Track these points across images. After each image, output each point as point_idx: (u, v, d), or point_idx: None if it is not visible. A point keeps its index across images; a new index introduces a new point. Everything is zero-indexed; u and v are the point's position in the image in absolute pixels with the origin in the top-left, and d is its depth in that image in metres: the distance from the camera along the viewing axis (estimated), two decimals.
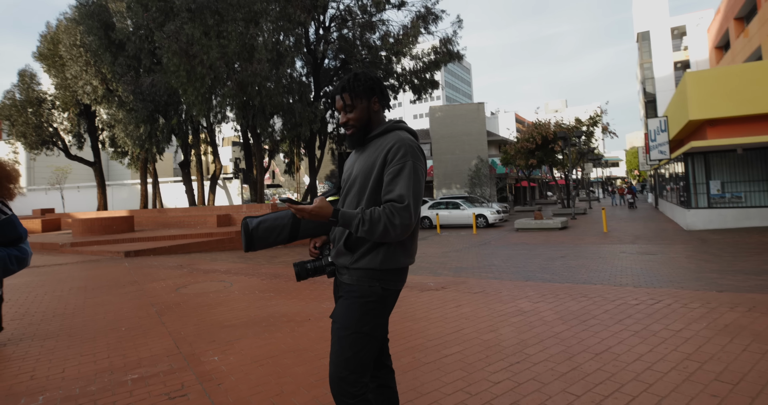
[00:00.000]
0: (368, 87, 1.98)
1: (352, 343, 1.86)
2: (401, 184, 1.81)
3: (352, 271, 1.92)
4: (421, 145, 2.00)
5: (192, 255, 12.21)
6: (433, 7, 20.78)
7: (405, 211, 1.77)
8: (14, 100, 26.54)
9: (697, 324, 4.37)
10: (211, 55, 16.31)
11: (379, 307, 1.90)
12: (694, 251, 10.22)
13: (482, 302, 5.68)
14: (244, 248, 2.07)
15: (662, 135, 18.68)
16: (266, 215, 2.07)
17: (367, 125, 2.01)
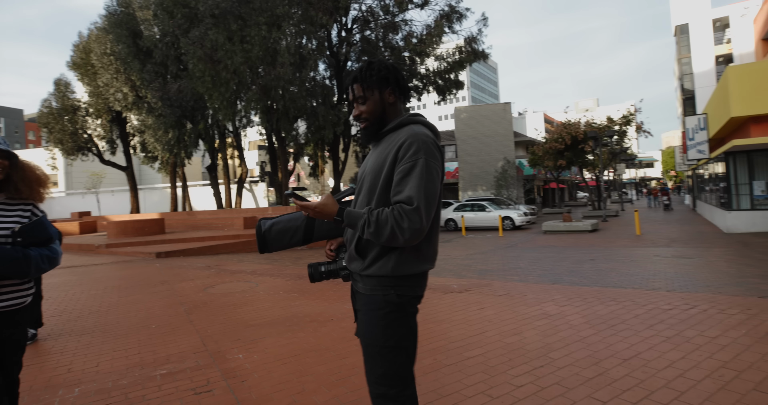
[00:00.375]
0: (382, 77, 1.82)
1: (382, 359, 1.73)
2: (411, 184, 1.64)
3: (365, 279, 1.79)
4: (444, 145, 1.90)
5: (219, 256, 12.47)
6: (457, 6, 20.61)
7: (414, 213, 1.60)
8: (51, 109, 27.62)
9: (736, 331, 4.15)
10: (235, 59, 16.63)
11: (399, 317, 1.75)
12: (734, 255, 9.66)
13: (506, 305, 5.61)
14: (259, 250, 2.01)
15: (701, 133, 17.68)
16: (280, 217, 2.02)
17: (381, 118, 1.86)
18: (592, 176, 34.76)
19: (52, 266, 2.31)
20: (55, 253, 2.32)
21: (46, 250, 2.28)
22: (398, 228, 1.60)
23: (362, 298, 1.82)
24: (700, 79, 38.53)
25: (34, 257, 2.20)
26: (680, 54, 41.68)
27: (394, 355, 1.73)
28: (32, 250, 2.21)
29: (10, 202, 2.27)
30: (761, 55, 26.91)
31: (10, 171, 2.25)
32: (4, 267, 2.11)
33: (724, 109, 14.37)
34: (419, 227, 1.61)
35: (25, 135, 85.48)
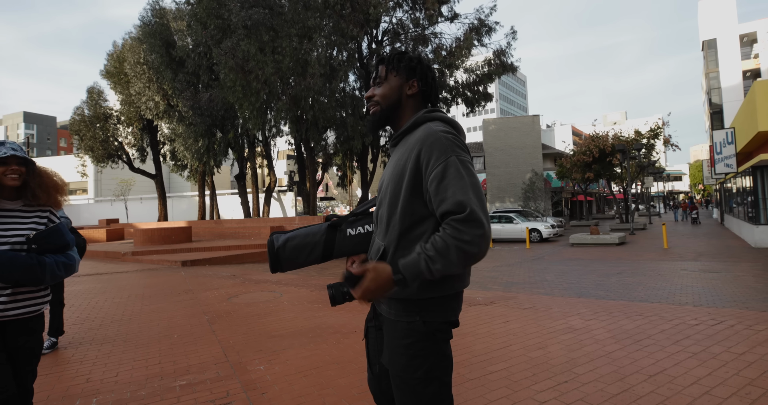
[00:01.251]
0: (409, 66, 1.66)
1: (411, 391, 1.52)
2: (453, 188, 1.42)
3: (389, 302, 1.59)
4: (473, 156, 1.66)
5: (245, 265, 12.47)
6: (486, 19, 20.58)
7: (471, 219, 1.38)
8: (83, 116, 28.33)
9: (763, 347, 4.08)
10: (266, 70, 16.82)
11: (428, 346, 1.53)
12: (762, 270, 9.65)
13: (531, 318, 5.53)
14: (271, 269, 1.73)
15: (729, 147, 17.74)
16: (296, 230, 1.75)
17: (395, 109, 1.67)
18: (619, 189, 34.25)
19: (68, 273, 2.29)
20: (71, 260, 2.30)
21: (62, 257, 2.26)
22: (464, 244, 1.38)
23: (387, 323, 1.62)
24: (728, 93, 38.33)
25: (49, 264, 2.17)
26: (708, 68, 41.43)
27: (423, 387, 1.51)
28: (47, 257, 2.19)
29: (28, 208, 2.27)
30: None
31: (27, 177, 2.25)
32: (18, 274, 2.09)
33: (751, 124, 14.45)
34: (483, 232, 1.39)
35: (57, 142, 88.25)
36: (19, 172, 2.20)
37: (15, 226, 2.19)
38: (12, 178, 2.18)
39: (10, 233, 2.16)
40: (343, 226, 1.74)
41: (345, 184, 28.27)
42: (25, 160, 2.23)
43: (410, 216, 1.52)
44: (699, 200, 66.86)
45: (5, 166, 2.17)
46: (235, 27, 17.83)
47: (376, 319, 1.75)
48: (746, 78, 38.51)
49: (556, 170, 36.80)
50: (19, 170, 2.20)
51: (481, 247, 1.39)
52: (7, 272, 2.06)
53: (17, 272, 2.08)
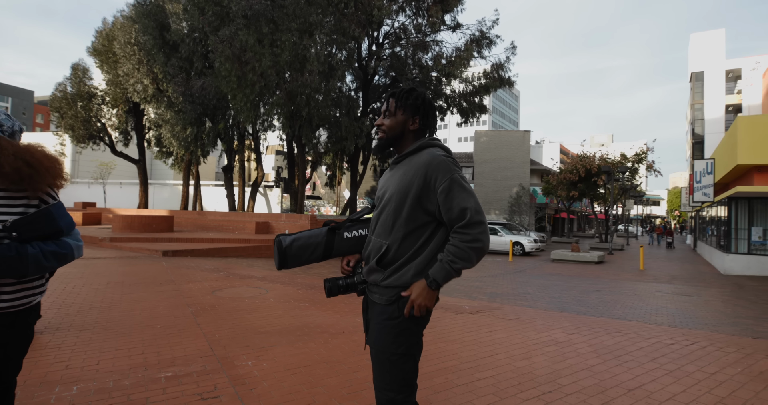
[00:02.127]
0: (415, 105, 1.99)
1: (392, 366, 1.86)
2: (458, 198, 1.82)
3: (383, 290, 1.91)
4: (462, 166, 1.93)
5: (229, 259, 12.24)
6: (488, 32, 20.66)
7: (471, 222, 1.81)
8: (65, 93, 27.04)
9: (732, 368, 4.32)
10: (263, 62, 16.56)
11: (411, 326, 1.87)
12: (730, 296, 10.20)
13: (516, 329, 5.64)
14: (277, 266, 2.07)
15: (708, 177, 18.47)
16: (300, 233, 2.08)
17: (398, 138, 2.02)
18: (601, 209, 34.86)
19: (61, 263, 1.98)
20: (64, 249, 1.98)
21: (52, 244, 1.95)
22: (471, 243, 1.80)
23: (377, 308, 1.93)
24: (710, 125, 39.57)
25: (33, 255, 1.86)
26: (694, 100, 42.63)
27: (403, 362, 1.86)
28: (32, 247, 1.87)
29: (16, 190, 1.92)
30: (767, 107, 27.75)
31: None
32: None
33: (731, 156, 15.22)
34: (483, 228, 1.82)
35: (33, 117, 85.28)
36: None
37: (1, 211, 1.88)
38: None
39: None
40: (341, 230, 2.09)
41: (333, 184, 28.02)
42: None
43: (413, 222, 1.90)
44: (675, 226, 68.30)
45: None
46: (234, 15, 17.52)
47: (367, 312, 2.05)
48: (728, 112, 39.64)
49: (542, 186, 37.23)
50: None
51: (484, 240, 1.82)
52: None
53: None
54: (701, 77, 41.58)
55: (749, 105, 37.38)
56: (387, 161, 24.75)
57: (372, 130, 20.65)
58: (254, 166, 27.44)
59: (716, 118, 39.54)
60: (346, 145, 18.73)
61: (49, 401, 3.06)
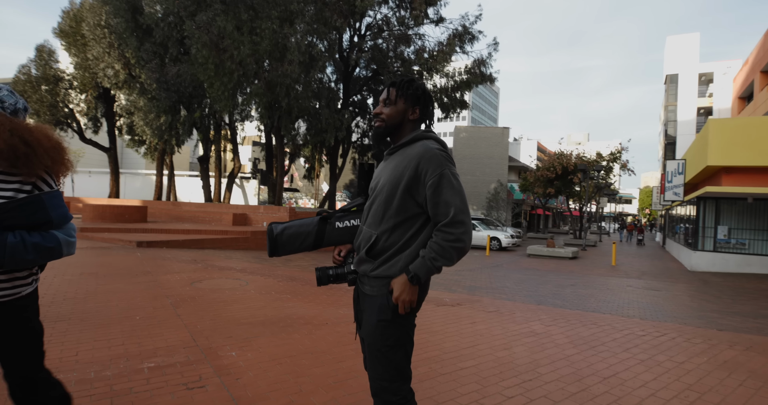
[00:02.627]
0: (415, 95, 1.99)
1: (384, 357, 1.88)
2: (444, 195, 1.82)
3: (372, 281, 1.92)
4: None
5: (206, 251, 11.99)
6: (470, 27, 20.63)
7: (453, 221, 1.80)
8: (29, 76, 25.65)
9: (699, 358, 4.58)
10: (242, 50, 16.18)
11: (399, 318, 1.89)
12: (696, 291, 10.62)
13: (496, 321, 5.77)
14: (269, 253, 2.09)
15: (679, 177, 18.97)
16: (292, 222, 2.10)
17: (396, 127, 2.01)
18: (576, 207, 35.40)
19: (44, 257, 1.81)
20: (50, 242, 1.82)
21: (37, 235, 1.79)
22: (452, 242, 1.80)
23: (367, 300, 1.94)
24: (683, 126, 40.51)
25: (11, 244, 1.71)
26: (668, 101, 43.54)
27: (393, 353, 1.88)
28: (12, 235, 1.72)
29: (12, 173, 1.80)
30: (737, 111, 29.20)
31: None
32: None
33: (701, 157, 15.62)
34: (465, 229, 1.81)
35: None
36: None
37: None
38: None
39: None
40: (332, 220, 2.11)
41: (312, 176, 27.72)
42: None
43: (404, 212, 1.89)
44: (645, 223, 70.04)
45: None
46: (211, 0, 17.10)
47: (358, 303, 2.07)
48: (700, 114, 40.65)
49: (519, 183, 37.65)
50: None
51: (465, 241, 1.81)
52: None
53: None
54: (676, 79, 42.48)
55: (720, 108, 38.42)
56: (366, 154, 24.63)
57: (352, 122, 20.50)
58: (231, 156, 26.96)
59: (688, 120, 40.50)
60: (326, 137, 18.51)
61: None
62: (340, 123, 18.37)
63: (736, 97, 29.11)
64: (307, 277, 8.53)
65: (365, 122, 23.69)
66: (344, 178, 39.81)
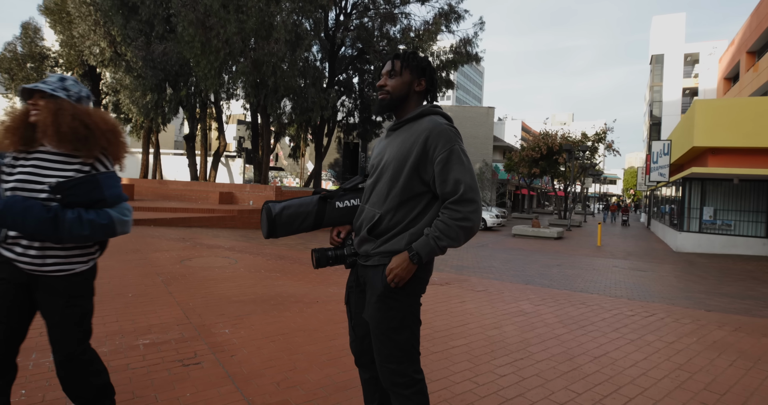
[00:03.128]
0: (421, 66, 1.93)
1: (388, 339, 1.83)
2: (454, 171, 1.75)
3: (375, 258, 1.85)
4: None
5: (193, 229, 12.09)
6: (456, 6, 20.56)
7: (462, 199, 1.73)
8: (15, 53, 25.64)
9: (688, 338, 4.58)
10: (228, 28, 16.03)
11: (402, 298, 1.83)
12: (682, 272, 10.59)
13: (485, 300, 5.79)
14: (266, 234, 1.96)
15: (664, 158, 18.93)
16: (290, 201, 1.99)
17: (402, 100, 1.93)
18: (560, 187, 35.67)
19: (98, 234, 1.96)
20: (104, 219, 1.97)
21: (92, 213, 1.94)
22: (460, 221, 1.73)
23: (369, 276, 1.87)
24: (668, 107, 40.56)
25: (69, 220, 1.87)
26: (653, 82, 43.57)
27: (398, 334, 1.82)
28: (71, 212, 1.89)
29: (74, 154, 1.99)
30: (722, 92, 29.15)
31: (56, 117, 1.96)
32: (31, 227, 1.82)
33: (687, 138, 15.58)
34: (474, 207, 1.74)
35: None
36: (40, 108, 1.94)
37: (54, 172, 1.94)
38: (32, 114, 1.95)
39: (48, 180, 1.92)
40: (333, 199, 2.01)
41: (297, 155, 27.71)
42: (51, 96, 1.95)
43: (409, 191, 1.81)
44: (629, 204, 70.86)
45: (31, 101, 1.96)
46: None
47: (358, 284, 1.99)
48: (685, 95, 40.85)
49: (504, 163, 37.81)
50: (39, 105, 1.95)
51: (474, 220, 1.74)
52: (19, 223, 1.81)
53: (30, 225, 1.81)
54: (661, 60, 42.54)
55: (705, 89, 38.62)
56: (351, 134, 24.61)
57: (338, 101, 20.45)
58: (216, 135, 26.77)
59: (673, 101, 40.71)
60: (311, 116, 18.50)
61: (27, 367, 3.04)
62: (326, 102, 18.35)
63: (722, 77, 29.26)
64: (296, 256, 8.68)
65: (351, 101, 23.64)
66: (329, 157, 39.68)
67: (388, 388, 1.86)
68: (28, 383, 2.85)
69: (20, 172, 1.93)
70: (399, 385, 1.82)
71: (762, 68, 20.16)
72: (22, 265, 1.94)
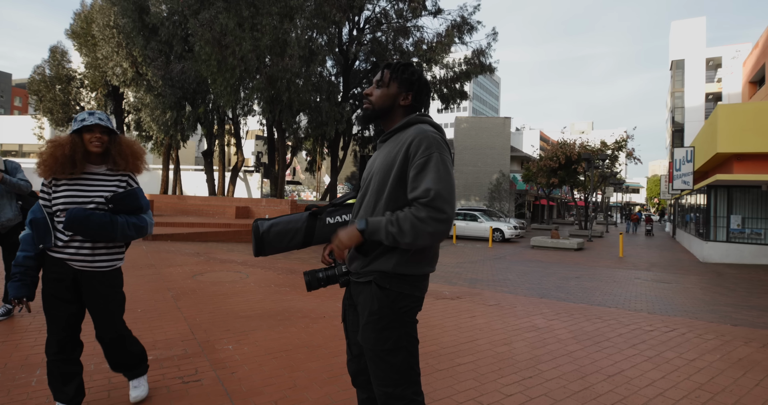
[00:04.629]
0: (410, 80, 1.86)
1: (381, 362, 1.75)
2: (428, 178, 1.62)
3: (362, 277, 1.79)
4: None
5: (209, 244, 12.24)
6: (469, 18, 20.64)
7: (431, 205, 1.58)
8: (44, 76, 26.69)
9: (711, 355, 4.36)
10: (243, 46, 16.37)
11: (395, 319, 1.74)
12: (709, 283, 10.20)
13: (497, 315, 5.67)
14: (255, 252, 1.95)
15: (687, 165, 18.46)
16: (279, 218, 1.98)
17: (385, 112, 1.88)
18: (581, 197, 35.18)
19: (139, 234, 2.61)
20: (143, 223, 2.62)
21: (134, 218, 2.57)
22: (418, 221, 1.58)
23: (360, 302, 1.82)
24: (690, 113, 39.84)
25: (120, 223, 2.49)
26: (674, 88, 42.86)
27: (393, 356, 1.74)
28: (120, 217, 2.50)
29: (110, 172, 2.60)
30: (747, 96, 28.41)
31: (109, 145, 2.56)
32: (93, 230, 2.42)
33: (710, 145, 15.13)
34: (440, 216, 1.59)
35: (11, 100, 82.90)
36: (102, 141, 2.51)
37: (98, 187, 2.52)
38: (95, 145, 2.49)
39: (94, 194, 2.50)
40: (323, 215, 1.99)
41: (313, 169, 27.91)
42: (109, 130, 2.54)
43: (394, 202, 1.73)
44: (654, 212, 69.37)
45: (91, 134, 2.48)
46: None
47: (351, 304, 1.93)
48: (708, 100, 40.10)
49: (522, 173, 37.53)
50: (102, 138, 2.51)
51: (433, 228, 1.59)
52: (84, 227, 2.39)
53: (92, 228, 2.40)
54: (682, 65, 41.94)
55: (729, 93, 37.82)
56: (367, 147, 24.74)
57: (353, 115, 20.60)
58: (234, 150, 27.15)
59: (696, 106, 40.00)
60: (326, 130, 18.67)
61: (30, 383, 3.10)
62: (341, 116, 18.51)
63: (747, 81, 28.59)
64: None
65: None
66: (345, 170, 39.97)
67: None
68: (28, 400, 2.89)
69: (66, 190, 2.46)
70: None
71: None
72: (74, 263, 2.49)
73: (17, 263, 2.45)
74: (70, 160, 2.45)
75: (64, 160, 2.45)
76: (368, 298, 1.76)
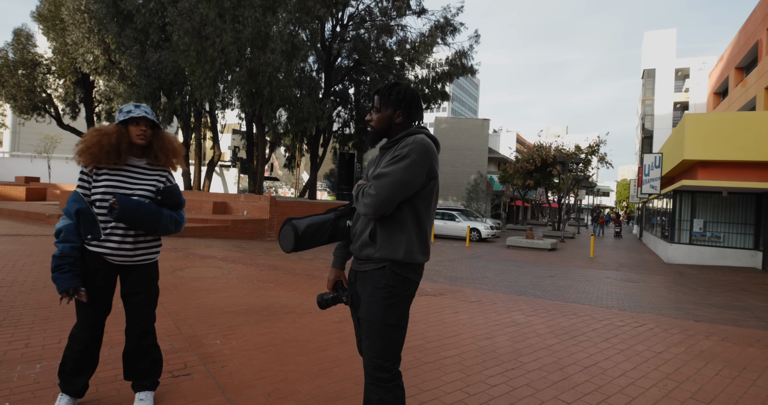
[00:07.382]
0: (397, 99, 2.10)
1: (382, 336, 1.99)
2: (391, 168, 1.92)
3: (374, 263, 2.04)
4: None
5: (186, 239, 11.97)
6: (452, 19, 20.67)
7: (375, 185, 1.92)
8: (6, 60, 25.05)
9: (676, 348, 4.69)
10: (224, 38, 16.04)
11: (400, 299, 2.01)
12: (673, 283, 10.72)
13: (478, 311, 5.85)
14: (288, 250, 2.17)
15: (656, 171, 19.08)
16: (311, 218, 2.19)
17: (386, 131, 2.15)
18: (554, 199, 35.79)
19: (176, 229, 2.62)
20: (181, 218, 2.66)
21: (175, 213, 2.61)
22: (363, 194, 1.97)
23: (368, 280, 2.05)
24: (659, 121, 41.10)
25: (166, 216, 2.53)
26: (645, 96, 44.10)
27: (393, 332, 2.01)
28: (165, 210, 2.55)
29: (151, 166, 2.63)
30: (712, 106, 29.64)
31: (152, 139, 2.59)
32: (143, 219, 2.44)
33: (677, 151, 15.74)
34: (375, 200, 1.91)
35: None
36: (147, 134, 2.54)
37: (140, 180, 2.55)
38: (140, 137, 2.52)
39: (136, 186, 2.51)
40: (344, 218, 2.24)
41: (292, 166, 27.61)
42: (153, 123, 2.57)
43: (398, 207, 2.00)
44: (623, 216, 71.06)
45: (136, 126, 2.51)
46: None
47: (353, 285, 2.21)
48: (676, 109, 41.39)
49: (499, 174, 37.99)
50: (147, 132, 2.54)
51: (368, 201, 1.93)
52: (134, 216, 2.41)
53: (142, 218, 2.43)
54: (653, 74, 43.09)
55: (695, 103, 39.13)
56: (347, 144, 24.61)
57: (333, 112, 20.47)
58: (210, 144, 26.69)
59: (665, 115, 41.20)
60: (307, 126, 18.46)
61: (12, 379, 2.99)
62: (322, 112, 18.33)
63: (712, 92, 29.68)
64: (290, 266, 8.62)
65: (347, 112, 23.66)
66: (325, 167, 39.71)
67: (371, 380, 2.02)
68: (12, 396, 2.78)
69: (108, 179, 2.47)
70: (383, 380, 2.00)
71: (750, 84, 20.46)
72: (113, 258, 2.48)
73: (64, 254, 2.38)
74: (115, 150, 2.48)
75: (110, 149, 2.47)
76: (380, 277, 2.01)
